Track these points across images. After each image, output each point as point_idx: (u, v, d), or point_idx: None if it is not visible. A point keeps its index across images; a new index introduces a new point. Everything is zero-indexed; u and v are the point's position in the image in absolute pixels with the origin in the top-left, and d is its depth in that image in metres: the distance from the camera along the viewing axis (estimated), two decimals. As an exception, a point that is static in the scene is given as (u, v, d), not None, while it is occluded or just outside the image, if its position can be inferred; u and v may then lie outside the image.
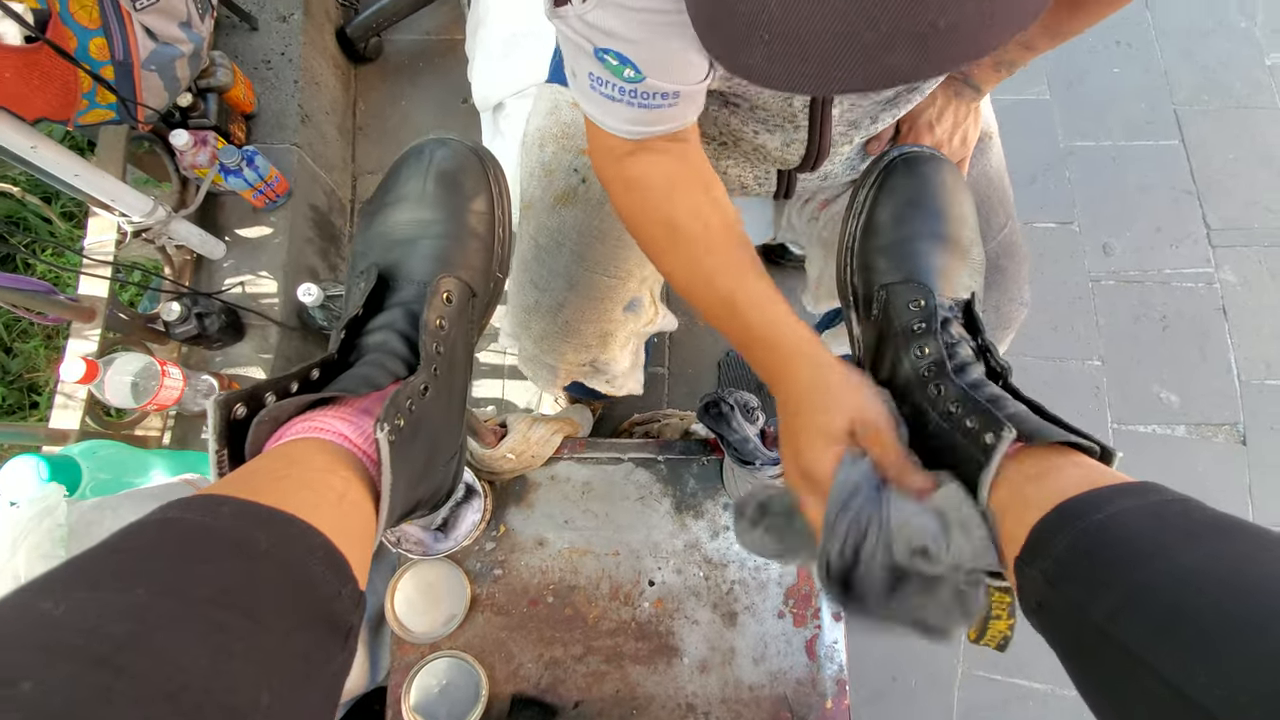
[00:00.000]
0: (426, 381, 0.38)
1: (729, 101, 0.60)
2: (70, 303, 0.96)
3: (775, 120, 0.61)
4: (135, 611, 0.21)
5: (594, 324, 0.73)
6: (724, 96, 0.60)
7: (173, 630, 0.21)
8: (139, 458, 0.91)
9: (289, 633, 0.23)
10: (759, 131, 0.63)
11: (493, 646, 0.78)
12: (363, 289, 0.41)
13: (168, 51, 0.89)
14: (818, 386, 0.43)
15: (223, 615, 0.22)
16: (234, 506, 0.26)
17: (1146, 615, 0.25)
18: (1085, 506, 0.30)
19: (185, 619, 0.21)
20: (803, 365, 0.45)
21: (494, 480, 0.83)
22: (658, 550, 0.82)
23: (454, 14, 1.62)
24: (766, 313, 0.46)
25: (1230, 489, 1.41)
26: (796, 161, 0.65)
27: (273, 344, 1.17)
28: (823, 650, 0.80)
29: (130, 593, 0.21)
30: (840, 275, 0.51)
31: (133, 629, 0.20)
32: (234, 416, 0.32)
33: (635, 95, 0.46)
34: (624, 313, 0.76)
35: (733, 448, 0.76)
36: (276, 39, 1.35)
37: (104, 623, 0.20)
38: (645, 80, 0.45)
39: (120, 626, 0.20)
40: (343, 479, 0.31)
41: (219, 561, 0.23)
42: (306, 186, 1.31)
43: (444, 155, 0.47)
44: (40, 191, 1.43)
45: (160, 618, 0.21)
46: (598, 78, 0.46)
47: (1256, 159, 1.62)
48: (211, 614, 0.22)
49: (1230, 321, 1.52)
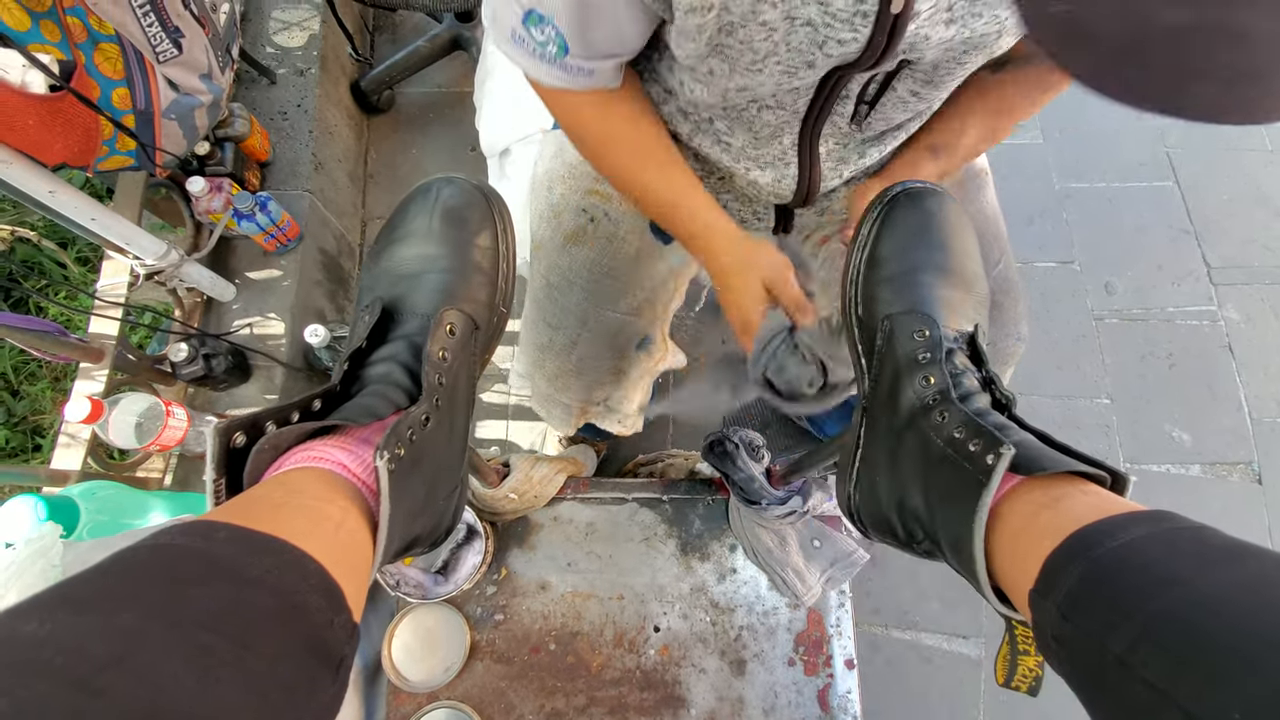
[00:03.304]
0: (428, 412, 0.38)
1: (721, 139, 0.63)
2: (79, 343, 0.97)
3: (765, 158, 0.63)
4: (121, 633, 0.20)
5: (608, 360, 0.74)
6: (717, 135, 0.62)
7: (158, 653, 0.20)
8: (138, 499, 0.90)
9: (278, 660, 0.22)
10: (750, 169, 0.65)
11: (492, 696, 0.75)
12: (367, 322, 0.41)
13: (188, 101, 0.93)
14: (738, 260, 0.60)
15: (210, 639, 0.21)
16: (228, 532, 0.26)
17: (1165, 646, 0.24)
18: (1097, 535, 0.30)
19: (172, 642, 0.20)
20: (725, 246, 0.60)
21: (496, 521, 0.81)
22: (663, 594, 0.80)
23: (464, 68, 1.69)
24: (698, 217, 0.60)
25: (1249, 530, 1.38)
26: (789, 197, 0.68)
27: (278, 385, 1.17)
28: (836, 701, 0.76)
29: (117, 615, 0.21)
30: (844, 307, 0.51)
31: (116, 650, 0.19)
32: (233, 444, 0.32)
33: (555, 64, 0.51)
34: (636, 351, 0.76)
35: (738, 487, 0.75)
36: (293, 92, 1.40)
37: (87, 643, 0.19)
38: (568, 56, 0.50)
39: (104, 648, 0.19)
40: (340, 508, 0.31)
41: (210, 586, 0.23)
42: (317, 231, 1.34)
43: (450, 193, 0.48)
44: (57, 237, 1.46)
45: (146, 640, 0.20)
46: (519, 36, 0.52)
47: (1251, 199, 1.64)
48: (199, 638, 0.21)
49: (1237, 359, 1.51)
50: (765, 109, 0.57)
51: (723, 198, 0.72)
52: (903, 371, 0.43)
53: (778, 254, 0.60)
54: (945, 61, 0.52)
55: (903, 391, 0.42)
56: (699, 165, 0.70)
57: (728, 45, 0.48)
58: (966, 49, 0.50)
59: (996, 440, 0.35)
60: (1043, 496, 0.34)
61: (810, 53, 0.47)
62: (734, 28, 0.46)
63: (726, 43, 0.48)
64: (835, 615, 0.80)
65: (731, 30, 0.47)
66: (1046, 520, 0.32)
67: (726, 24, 0.46)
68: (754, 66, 0.49)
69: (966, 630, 1.30)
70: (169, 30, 0.85)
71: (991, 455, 0.35)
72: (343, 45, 1.54)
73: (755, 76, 0.50)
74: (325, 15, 1.45)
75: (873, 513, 0.46)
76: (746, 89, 0.52)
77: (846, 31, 0.45)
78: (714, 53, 0.49)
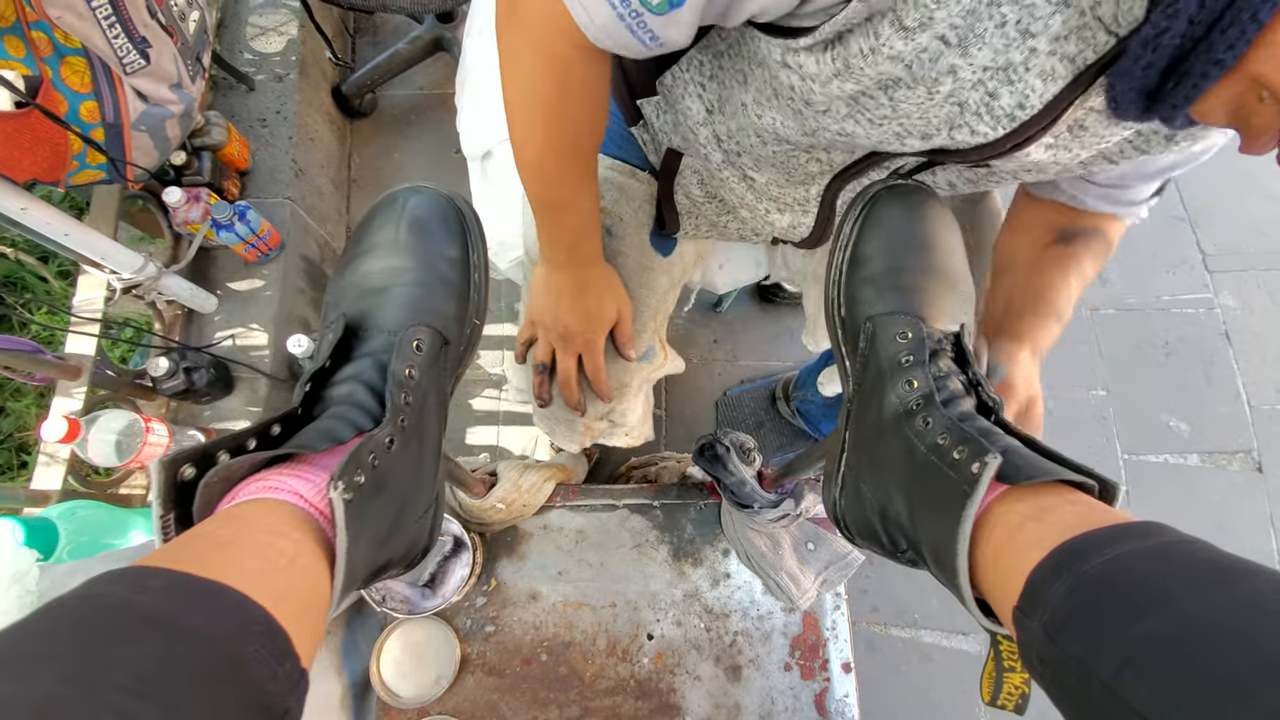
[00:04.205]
0: (392, 434, 0.36)
1: (746, 174, 0.61)
2: (56, 361, 0.95)
3: (786, 200, 0.63)
4: (37, 700, 0.19)
5: (611, 376, 0.72)
6: (744, 170, 0.61)
7: None
8: (118, 518, 0.88)
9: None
10: (770, 210, 0.65)
11: (484, 710, 0.74)
12: (330, 340, 0.40)
13: (158, 112, 0.91)
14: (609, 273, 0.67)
15: (134, 706, 0.20)
16: (164, 579, 0.24)
17: (1154, 672, 0.23)
18: (1084, 549, 0.28)
19: (90, 710, 0.19)
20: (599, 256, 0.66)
21: (484, 531, 0.80)
22: (656, 601, 0.78)
23: (446, 69, 1.67)
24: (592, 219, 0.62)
25: (1250, 519, 1.36)
26: (798, 240, 0.69)
27: (262, 396, 1.16)
28: (833, 705, 0.75)
29: (33, 680, 0.19)
30: (827, 309, 0.50)
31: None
32: (181, 478, 0.30)
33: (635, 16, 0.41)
34: (639, 362, 0.75)
35: (730, 490, 0.73)
36: (272, 98, 1.38)
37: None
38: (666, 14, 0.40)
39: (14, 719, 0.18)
40: (294, 542, 0.29)
41: (138, 644, 0.21)
42: (299, 239, 1.32)
43: (417, 203, 0.46)
44: (37, 252, 1.44)
45: (63, 709, 0.19)
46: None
47: (1244, 184, 1.63)
48: (121, 704, 0.19)
49: (1234, 346, 1.50)
50: (814, 159, 0.55)
51: (723, 218, 0.72)
52: (886, 375, 0.41)
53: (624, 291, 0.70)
54: (1006, 174, 0.51)
55: (886, 395, 0.41)
56: (700, 191, 0.69)
57: (874, 97, 0.43)
58: (1030, 170, 0.49)
59: (982, 448, 0.34)
60: (1028, 507, 0.32)
61: (937, 129, 0.44)
62: (897, 86, 0.41)
63: (875, 95, 0.43)
64: (831, 618, 0.78)
65: (890, 87, 0.42)
66: (1031, 532, 0.31)
67: (891, 79, 0.41)
68: (877, 121, 0.44)
69: (965, 627, 1.29)
70: (135, 41, 0.83)
71: (976, 464, 0.33)
72: (322, 49, 1.51)
73: (866, 128, 0.45)
74: (303, 19, 1.43)
75: (857, 519, 0.44)
76: (844, 134, 0.47)
77: (987, 125, 0.42)
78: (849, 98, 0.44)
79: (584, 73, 0.49)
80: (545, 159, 0.54)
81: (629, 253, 0.72)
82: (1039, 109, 0.40)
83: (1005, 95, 0.40)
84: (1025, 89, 0.39)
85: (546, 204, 0.59)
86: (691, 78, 0.57)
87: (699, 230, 0.75)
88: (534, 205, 0.60)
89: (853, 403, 0.45)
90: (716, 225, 0.73)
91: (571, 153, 0.55)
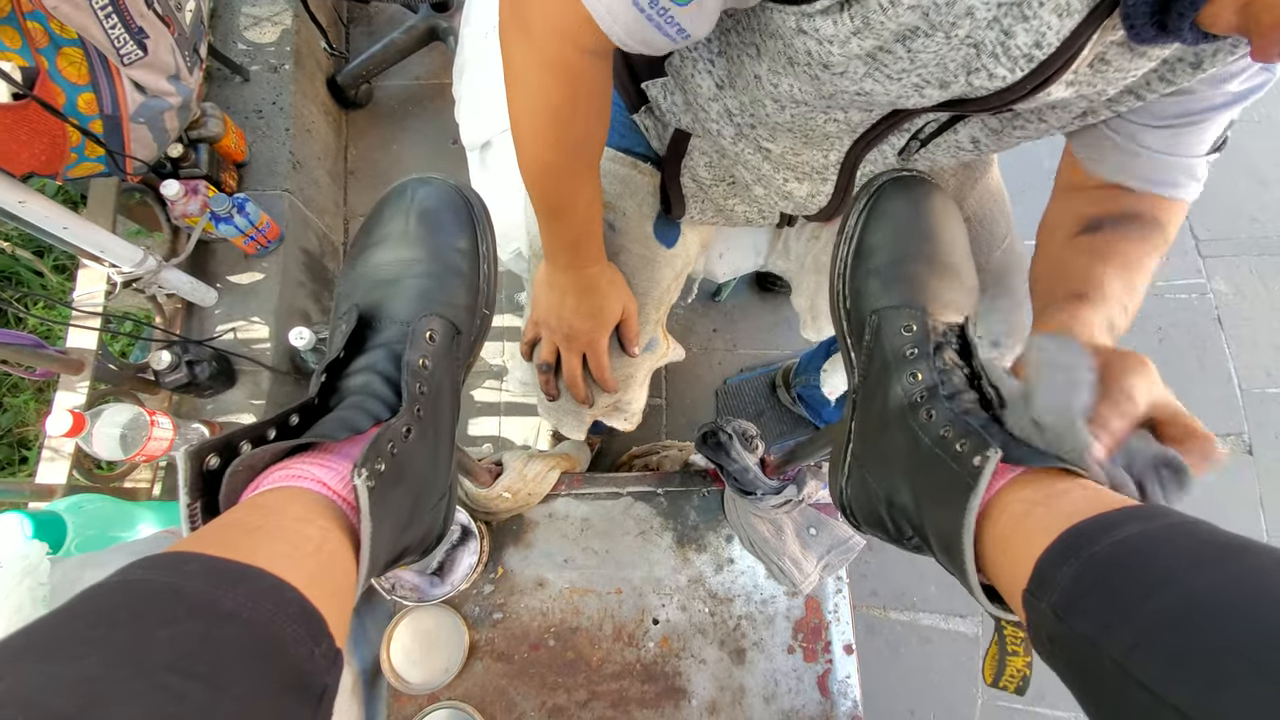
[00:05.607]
0: (409, 423, 0.37)
1: (761, 145, 0.61)
2: (58, 355, 0.95)
3: (805, 169, 0.62)
4: (85, 682, 0.19)
5: (616, 369, 0.73)
6: (758, 141, 0.60)
7: (125, 703, 0.19)
8: (126, 511, 0.89)
9: (253, 701, 0.22)
10: (788, 179, 0.64)
11: (493, 695, 0.75)
12: (344, 331, 0.40)
13: (156, 104, 0.90)
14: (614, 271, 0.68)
15: (181, 684, 0.20)
16: (200, 564, 0.25)
17: (1163, 648, 0.24)
18: (1091, 532, 0.29)
19: (140, 689, 0.20)
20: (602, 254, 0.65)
21: (490, 520, 0.81)
22: (661, 587, 0.80)
23: (442, 59, 1.66)
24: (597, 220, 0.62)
25: (1240, 501, 1.39)
26: (816, 210, 0.67)
27: (265, 389, 1.16)
28: (835, 686, 0.77)
29: (82, 662, 0.20)
30: (833, 301, 0.50)
31: (82, 702, 0.19)
32: (207, 467, 0.31)
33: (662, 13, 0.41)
34: (643, 353, 0.75)
35: (733, 478, 0.74)
36: (268, 89, 1.37)
37: (49, 696, 0.19)
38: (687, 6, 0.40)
39: (68, 700, 0.19)
40: (320, 528, 0.30)
41: (180, 624, 0.22)
42: (298, 231, 1.32)
43: (425, 194, 0.46)
44: (33, 246, 1.43)
45: (113, 688, 0.19)
46: None
47: (1237, 169, 1.64)
48: (169, 682, 0.20)
49: (1226, 331, 1.52)
50: (832, 120, 0.54)
51: (729, 201, 0.71)
52: (890, 367, 0.42)
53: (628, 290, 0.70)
54: (1031, 115, 0.50)
55: (891, 388, 0.42)
56: (708, 174, 0.69)
57: (891, 50, 0.42)
58: (1056, 108, 0.48)
59: (984, 442, 0.34)
60: (1034, 493, 0.33)
61: (955, 74, 0.43)
62: (915, 35, 0.40)
63: (892, 49, 0.42)
64: (833, 601, 0.80)
65: (908, 38, 0.41)
66: (1039, 517, 0.32)
67: (909, 29, 0.40)
68: (895, 76, 0.44)
69: (964, 609, 1.31)
70: (132, 31, 0.82)
71: (979, 457, 0.34)
72: (317, 40, 1.50)
73: (884, 84, 0.44)
74: (297, 9, 1.42)
75: (863, 507, 0.45)
76: (862, 94, 0.46)
77: (1004, 67, 0.41)
78: (866, 55, 0.43)
79: (593, 77, 0.48)
80: (553, 166, 0.54)
81: (632, 247, 0.73)
82: (1056, 46, 0.39)
83: (1021, 33, 0.39)
84: (1041, 25, 0.38)
85: (552, 208, 0.59)
86: (700, 55, 0.56)
87: (704, 215, 0.75)
88: (538, 209, 0.59)
89: (858, 394, 0.46)
90: (723, 210, 0.73)
91: (579, 156, 0.54)
